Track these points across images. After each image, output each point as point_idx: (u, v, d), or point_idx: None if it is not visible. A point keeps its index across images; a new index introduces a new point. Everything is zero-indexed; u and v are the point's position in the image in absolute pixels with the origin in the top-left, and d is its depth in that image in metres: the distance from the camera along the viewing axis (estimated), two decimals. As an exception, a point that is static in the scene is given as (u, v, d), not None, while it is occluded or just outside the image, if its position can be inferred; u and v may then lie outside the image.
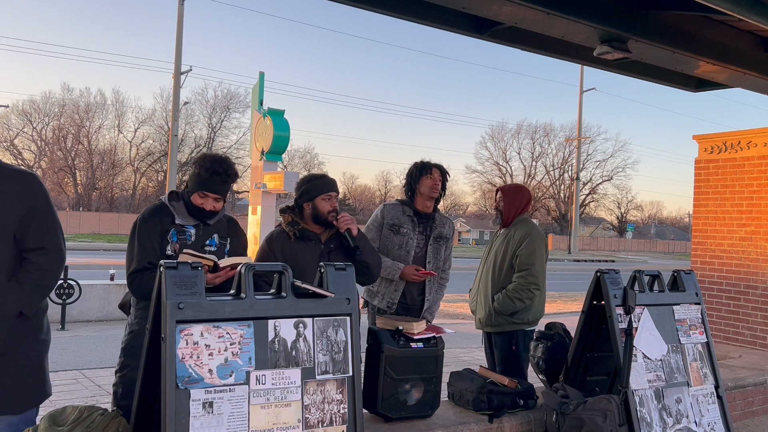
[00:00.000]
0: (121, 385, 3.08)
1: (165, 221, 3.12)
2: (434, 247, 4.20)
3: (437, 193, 4.19)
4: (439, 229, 4.23)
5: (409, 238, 4.13)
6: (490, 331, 4.40)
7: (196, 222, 3.18)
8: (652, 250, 74.99)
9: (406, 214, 4.17)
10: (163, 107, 54.68)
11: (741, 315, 6.63)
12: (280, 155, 10.67)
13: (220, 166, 3.14)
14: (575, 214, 50.82)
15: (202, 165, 3.14)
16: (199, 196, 3.13)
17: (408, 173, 4.28)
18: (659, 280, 3.98)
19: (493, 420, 3.62)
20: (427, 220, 4.21)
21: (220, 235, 3.23)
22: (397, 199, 4.36)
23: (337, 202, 3.54)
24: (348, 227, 3.48)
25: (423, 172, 4.18)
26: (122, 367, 3.11)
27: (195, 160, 3.23)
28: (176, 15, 28.12)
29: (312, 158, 66.45)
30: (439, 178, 4.19)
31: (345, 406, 2.56)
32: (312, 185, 3.54)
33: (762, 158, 6.53)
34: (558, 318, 5.77)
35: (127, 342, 3.14)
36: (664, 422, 3.63)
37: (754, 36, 5.46)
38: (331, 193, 3.51)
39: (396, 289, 4.11)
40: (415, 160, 4.31)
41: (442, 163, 4.31)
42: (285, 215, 3.58)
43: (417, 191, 4.20)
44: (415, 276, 4.05)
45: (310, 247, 3.49)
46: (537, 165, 70.34)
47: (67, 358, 7.02)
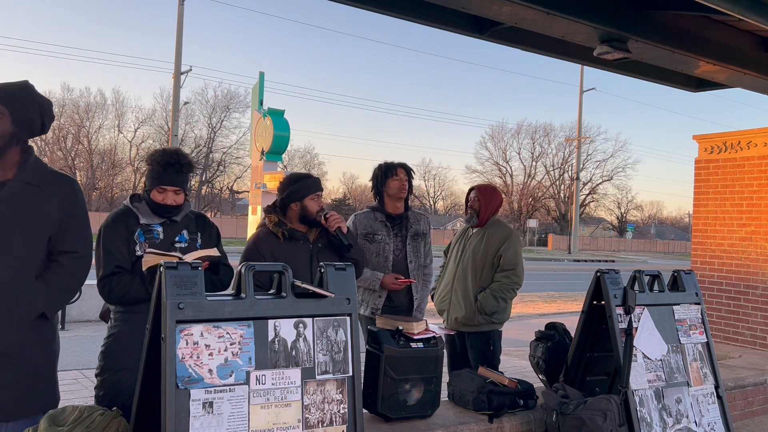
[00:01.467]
0: (102, 388, 3.02)
1: (129, 223, 3.07)
2: (413, 246, 4.20)
3: (405, 193, 4.19)
4: (414, 227, 4.23)
5: (385, 243, 4.12)
6: (467, 331, 4.43)
7: (162, 220, 3.12)
8: (652, 250, 74.98)
9: (379, 220, 4.16)
10: (163, 107, 54.74)
11: (741, 315, 6.63)
12: (280, 155, 10.69)
13: (171, 157, 3.10)
14: (575, 214, 50.83)
15: (154, 160, 3.11)
16: (158, 191, 3.08)
17: (373, 176, 4.26)
18: (659, 280, 3.98)
19: (493, 420, 3.62)
20: (401, 220, 4.20)
21: (189, 230, 3.17)
22: (367, 207, 4.35)
23: (323, 202, 3.53)
24: (338, 226, 3.47)
25: (388, 174, 4.17)
26: (102, 371, 3.04)
27: (147, 157, 3.20)
28: (176, 15, 28.15)
29: (312, 158, 66.48)
30: (405, 177, 4.19)
31: (345, 406, 2.56)
32: (300, 185, 3.52)
33: (762, 158, 6.53)
34: (558, 318, 5.78)
35: (107, 346, 3.06)
36: (664, 422, 3.63)
37: (754, 36, 5.46)
38: (318, 192, 3.50)
39: (380, 296, 4.10)
40: (379, 162, 4.29)
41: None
42: (270, 216, 3.53)
43: (385, 194, 4.19)
44: (395, 285, 4.05)
45: (300, 247, 3.46)
46: (537, 165, 70.34)
47: (67, 358, 7.01)
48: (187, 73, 32.32)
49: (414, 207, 4.42)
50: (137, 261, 3.00)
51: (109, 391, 2.97)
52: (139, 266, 2.98)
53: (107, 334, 3.10)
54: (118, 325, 3.05)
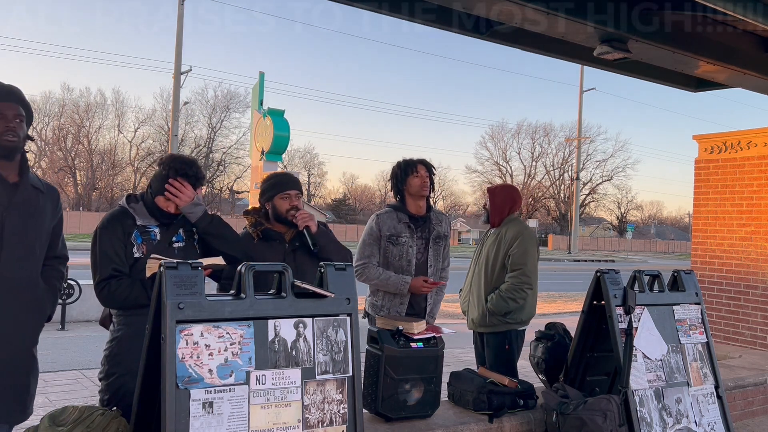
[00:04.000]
0: (108, 392, 2.96)
1: (126, 224, 3.00)
2: (434, 250, 4.06)
3: (427, 191, 4.01)
4: (436, 229, 4.09)
5: (408, 246, 3.96)
6: (483, 332, 4.40)
7: (158, 222, 3.07)
8: (652, 250, 74.95)
9: (402, 222, 3.98)
10: (163, 107, 54.76)
11: (741, 315, 6.63)
12: (280, 155, 10.68)
13: (190, 169, 3.03)
14: (575, 214, 50.82)
15: (170, 166, 3.03)
16: (164, 199, 3.03)
17: (392, 175, 4.08)
18: (659, 280, 3.97)
19: (493, 420, 3.61)
20: (424, 222, 4.04)
21: (185, 229, 3.13)
22: (388, 206, 4.15)
23: (298, 200, 3.43)
24: (306, 224, 3.34)
25: (408, 172, 3.99)
26: (107, 375, 2.97)
27: (163, 160, 3.11)
28: (176, 15, 28.14)
29: (312, 158, 66.59)
30: (426, 174, 4.01)
31: (345, 406, 2.56)
32: (269, 185, 3.48)
33: (762, 158, 6.53)
34: (558, 318, 5.78)
35: (111, 350, 3.00)
36: (664, 422, 3.63)
37: (754, 36, 5.46)
38: (288, 191, 3.41)
39: (402, 302, 3.97)
40: (398, 160, 4.11)
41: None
42: (248, 217, 3.51)
43: (406, 192, 4.01)
44: (425, 288, 3.92)
45: (274, 247, 3.41)
46: (537, 165, 70.39)
47: (67, 358, 7.02)
48: (187, 73, 32.32)
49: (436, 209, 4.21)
50: (135, 263, 2.96)
51: (114, 396, 2.92)
52: (136, 268, 2.95)
53: (110, 338, 3.05)
54: (121, 328, 3.00)
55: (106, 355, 3.02)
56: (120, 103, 57.68)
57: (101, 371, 3.01)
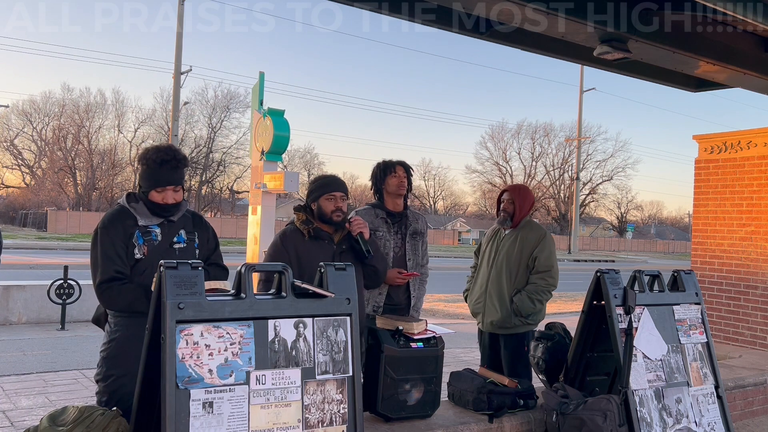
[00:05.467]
0: (106, 394, 2.95)
1: (127, 224, 2.98)
2: (412, 244, 4.23)
3: (404, 190, 4.24)
4: (413, 225, 4.27)
5: (386, 240, 4.15)
6: (501, 333, 4.42)
7: (160, 220, 3.05)
8: (652, 250, 74.95)
9: (380, 217, 4.19)
10: (163, 107, 54.74)
11: (741, 315, 6.63)
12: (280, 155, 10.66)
13: (166, 154, 3.02)
14: (575, 214, 50.82)
15: (148, 159, 3.03)
16: (157, 192, 3.01)
17: (372, 175, 4.32)
18: (659, 280, 3.98)
19: (493, 420, 3.61)
20: (401, 218, 4.25)
21: (186, 230, 3.12)
22: (367, 204, 4.38)
23: (343, 203, 3.56)
24: (360, 231, 3.53)
25: (387, 172, 4.22)
26: (105, 376, 2.96)
27: (140, 157, 3.10)
28: (176, 15, 28.14)
29: (312, 158, 66.51)
30: (404, 175, 4.24)
31: (345, 406, 2.56)
32: (315, 185, 3.61)
33: (762, 158, 6.53)
34: (558, 318, 5.77)
35: (108, 351, 2.98)
36: (664, 422, 3.63)
37: (754, 36, 5.46)
38: (334, 193, 3.54)
39: (380, 293, 4.12)
40: (378, 161, 4.33)
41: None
42: (299, 213, 3.61)
43: (384, 191, 4.24)
44: (398, 279, 4.07)
45: (323, 247, 3.51)
46: (537, 165, 70.37)
47: (67, 358, 7.02)
48: (187, 73, 32.32)
49: (413, 207, 4.43)
50: (135, 264, 2.95)
51: (112, 397, 2.91)
52: (137, 270, 2.94)
53: (107, 339, 3.02)
54: (118, 329, 2.98)
55: (103, 356, 3.00)
56: (120, 103, 57.69)
57: (98, 373, 2.99)
